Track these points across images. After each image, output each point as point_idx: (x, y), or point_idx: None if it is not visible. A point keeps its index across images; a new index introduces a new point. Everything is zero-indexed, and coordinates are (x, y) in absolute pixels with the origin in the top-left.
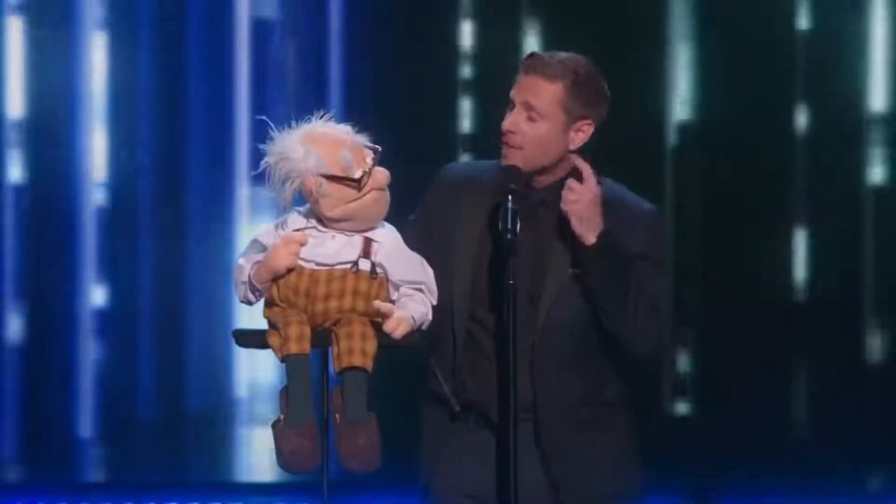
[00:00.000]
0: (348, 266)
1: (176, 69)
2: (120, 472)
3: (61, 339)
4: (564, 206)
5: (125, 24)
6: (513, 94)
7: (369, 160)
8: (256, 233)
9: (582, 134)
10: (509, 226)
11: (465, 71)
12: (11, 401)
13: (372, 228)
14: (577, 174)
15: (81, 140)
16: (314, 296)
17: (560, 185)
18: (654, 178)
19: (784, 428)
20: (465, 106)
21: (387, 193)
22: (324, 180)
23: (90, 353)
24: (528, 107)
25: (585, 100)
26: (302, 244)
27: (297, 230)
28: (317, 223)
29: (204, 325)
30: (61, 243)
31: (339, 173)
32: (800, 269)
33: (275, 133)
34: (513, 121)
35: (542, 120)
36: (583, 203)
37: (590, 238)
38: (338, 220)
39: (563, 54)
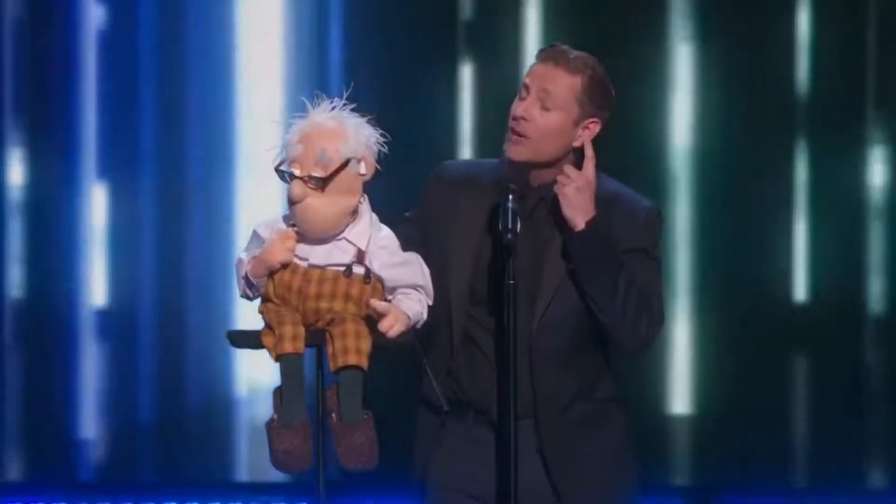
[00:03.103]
0: (342, 269)
1: (176, 69)
2: (120, 472)
3: (61, 339)
4: (557, 189)
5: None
6: (528, 80)
7: (318, 171)
8: (256, 225)
9: (588, 132)
10: (509, 225)
11: (465, 69)
12: (12, 401)
13: (338, 234)
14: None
15: (82, 139)
16: (306, 294)
17: None
18: (654, 177)
19: (784, 428)
20: (465, 105)
21: (304, 206)
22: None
23: (90, 353)
24: (546, 95)
25: (598, 99)
26: (298, 240)
27: (292, 226)
28: None
29: (204, 325)
30: (62, 243)
31: (278, 164)
32: (800, 269)
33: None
34: (526, 108)
35: (556, 110)
36: (574, 186)
37: (579, 223)
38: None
39: (579, 52)
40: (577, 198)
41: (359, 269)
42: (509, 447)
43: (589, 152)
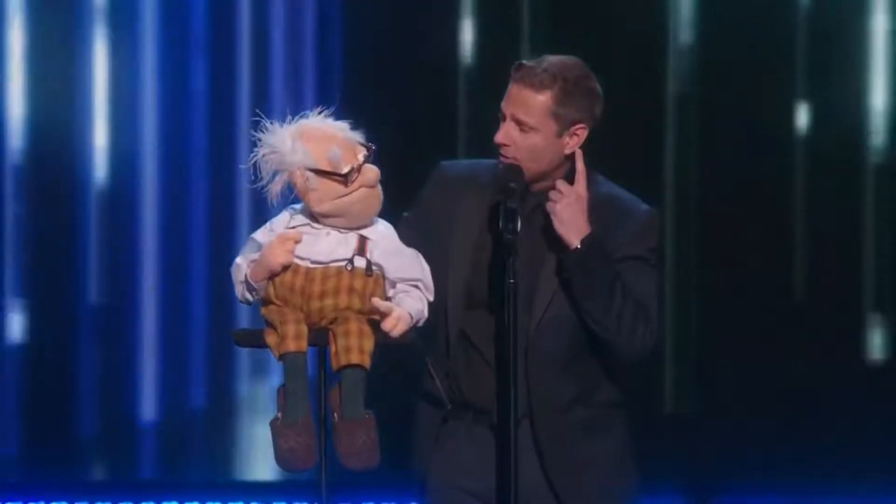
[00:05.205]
0: (343, 264)
1: (177, 67)
2: (120, 472)
3: (61, 339)
4: (548, 207)
5: (127, 19)
6: (503, 106)
7: (360, 157)
8: (253, 232)
9: (577, 138)
10: (510, 225)
11: (465, 68)
12: (11, 401)
13: (366, 226)
14: (572, 176)
15: (83, 139)
16: (309, 294)
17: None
18: (654, 176)
19: (784, 428)
20: (464, 103)
21: (378, 191)
22: (311, 175)
23: (90, 353)
24: (518, 121)
25: (577, 105)
26: (297, 241)
27: (292, 228)
28: (311, 221)
29: (205, 325)
30: (62, 242)
31: (326, 168)
32: (800, 269)
33: (269, 127)
34: (505, 133)
35: (533, 132)
36: (565, 205)
37: (573, 241)
38: (327, 216)
39: (551, 59)
40: (568, 215)
41: (360, 262)
42: (508, 447)
43: (580, 166)
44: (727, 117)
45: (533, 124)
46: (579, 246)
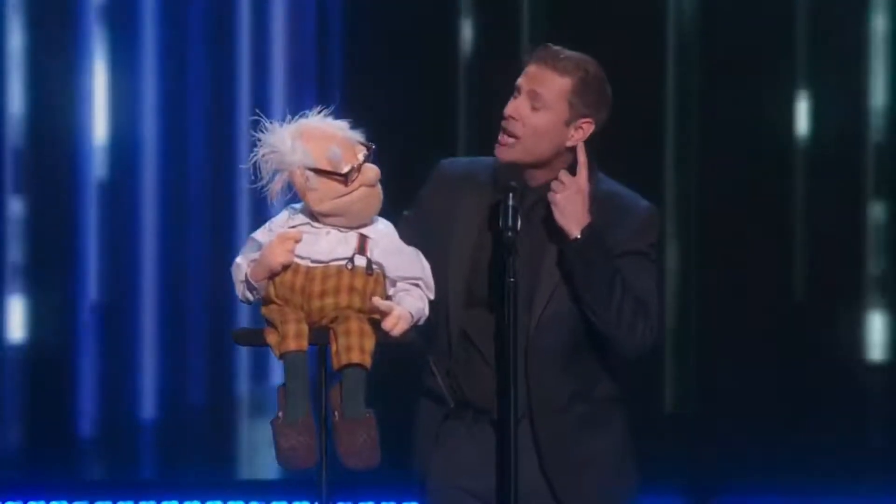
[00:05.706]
0: (343, 263)
1: (178, 66)
2: (120, 471)
3: (61, 337)
4: (549, 197)
5: (127, 19)
6: (520, 81)
7: (360, 156)
8: (253, 232)
9: (581, 132)
10: (510, 223)
11: (465, 67)
12: (11, 400)
13: (366, 225)
14: (573, 169)
15: (83, 137)
16: (310, 293)
17: None
18: (654, 176)
19: (784, 428)
20: (464, 103)
21: (378, 190)
22: (311, 174)
23: (90, 351)
24: (535, 95)
25: (590, 99)
26: (297, 241)
27: (292, 227)
28: (311, 220)
29: (206, 324)
30: (62, 240)
31: (326, 168)
32: (800, 269)
33: (268, 126)
34: (516, 107)
35: (545, 110)
36: (566, 195)
37: (573, 231)
38: (327, 216)
39: (571, 52)
40: (568, 206)
41: (360, 261)
42: (508, 447)
43: (581, 158)
44: (727, 117)
45: (548, 102)
46: (579, 236)
